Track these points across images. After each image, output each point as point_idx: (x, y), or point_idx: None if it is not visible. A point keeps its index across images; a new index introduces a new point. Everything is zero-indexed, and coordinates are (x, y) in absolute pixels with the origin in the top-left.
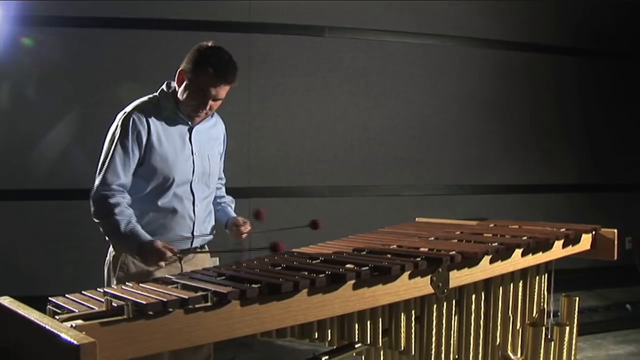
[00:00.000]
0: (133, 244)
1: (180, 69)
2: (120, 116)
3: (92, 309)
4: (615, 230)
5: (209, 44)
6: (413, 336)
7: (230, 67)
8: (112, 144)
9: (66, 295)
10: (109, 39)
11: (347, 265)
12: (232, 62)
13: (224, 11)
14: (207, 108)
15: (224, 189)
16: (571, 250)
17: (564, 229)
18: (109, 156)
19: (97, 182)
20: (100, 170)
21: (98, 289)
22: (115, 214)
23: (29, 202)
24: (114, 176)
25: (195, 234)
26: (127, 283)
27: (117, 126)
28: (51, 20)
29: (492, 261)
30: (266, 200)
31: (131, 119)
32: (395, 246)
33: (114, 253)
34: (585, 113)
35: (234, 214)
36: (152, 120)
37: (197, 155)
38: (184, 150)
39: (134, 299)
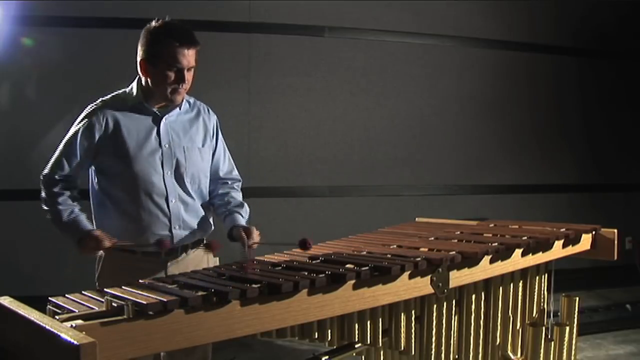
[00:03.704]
0: (74, 234)
1: (139, 59)
2: (84, 111)
3: (92, 309)
4: (615, 230)
5: (153, 23)
6: (413, 336)
7: (187, 30)
8: (65, 138)
9: (66, 295)
10: (109, 39)
11: (347, 265)
12: (185, 26)
13: (224, 11)
14: (186, 81)
15: (234, 192)
16: (571, 250)
17: (564, 229)
18: (59, 148)
19: (45, 170)
20: (50, 159)
21: (98, 289)
22: (59, 203)
23: (29, 202)
24: (58, 168)
25: (173, 230)
26: (127, 283)
27: (76, 121)
28: (51, 20)
29: (492, 261)
30: (266, 200)
31: (87, 116)
32: (395, 246)
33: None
34: (585, 113)
35: (239, 222)
36: (113, 115)
37: (168, 147)
38: (149, 143)
39: (134, 299)
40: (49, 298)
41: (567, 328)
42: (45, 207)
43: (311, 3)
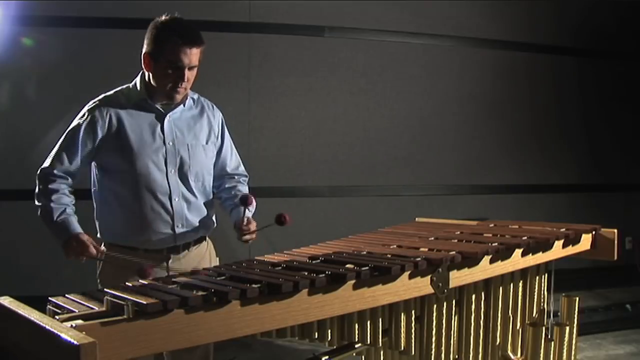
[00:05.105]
0: (61, 234)
1: (143, 52)
2: (86, 106)
3: (92, 309)
4: (615, 230)
5: (162, 18)
6: (413, 336)
7: (193, 29)
8: (66, 132)
9: (66, 295)
10: (109, 39)
11: (347, 265)
12: (192, 25)
13: (224, 11)
14: (185, 80)
15: (241, 186)
16: (571, 250)
17: (564, 229)
18: (59, 143)
19: (44, 163)
20: (50, 153)
21: (98, 289)
22: (52, 200)
23: (29, 202)
24: (58, 162)
25: (176, 229)
26: (127, 283)
27: (78, 116)
28: (51, 20)
29: (492, 261)
30: (266, 200)
31: (90, 111)
32: (395, 246)
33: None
34: (585, 113)
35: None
36: (116, 112)
37: (172, 145)
38: (152, 140)
39: (134, 299)
40: (49, 298)
41: (567, 328)
42: (38, 203)
43: (311, 3)
